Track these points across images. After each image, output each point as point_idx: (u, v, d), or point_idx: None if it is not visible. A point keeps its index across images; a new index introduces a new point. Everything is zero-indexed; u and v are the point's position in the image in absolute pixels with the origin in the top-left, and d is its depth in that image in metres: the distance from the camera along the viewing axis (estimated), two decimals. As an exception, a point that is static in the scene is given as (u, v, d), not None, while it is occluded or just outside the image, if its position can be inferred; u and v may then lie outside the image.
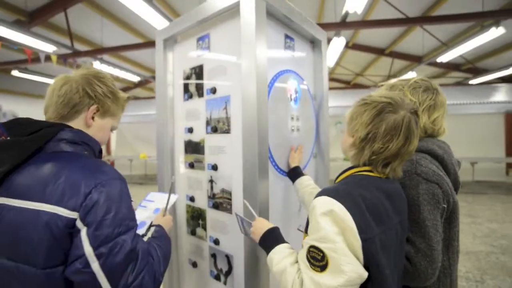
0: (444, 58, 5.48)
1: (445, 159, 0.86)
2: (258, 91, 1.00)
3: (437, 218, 0.79)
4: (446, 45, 6.06)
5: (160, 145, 1.46)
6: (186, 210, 1.40)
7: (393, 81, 0.96)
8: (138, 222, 0.72)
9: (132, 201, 0.69)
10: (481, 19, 4.74)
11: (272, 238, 0.84)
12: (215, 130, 1.20)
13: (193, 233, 1.36)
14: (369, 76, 9.78)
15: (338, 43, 4.43)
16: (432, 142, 0.89)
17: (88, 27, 5.57)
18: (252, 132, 1.01)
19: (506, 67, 6.23)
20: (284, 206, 1.27)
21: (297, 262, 0.72)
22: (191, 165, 1.34)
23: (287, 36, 1.28)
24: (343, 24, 3.97)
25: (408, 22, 4.64)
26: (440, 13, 5.17)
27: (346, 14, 3.57)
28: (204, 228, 1.30)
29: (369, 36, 7.21)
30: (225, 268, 1.19)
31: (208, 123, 1.25)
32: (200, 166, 1.30)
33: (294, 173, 1.21)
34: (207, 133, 1.25)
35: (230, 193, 1.16)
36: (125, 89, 10.63)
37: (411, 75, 6.35)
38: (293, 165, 1.22)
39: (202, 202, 1.30)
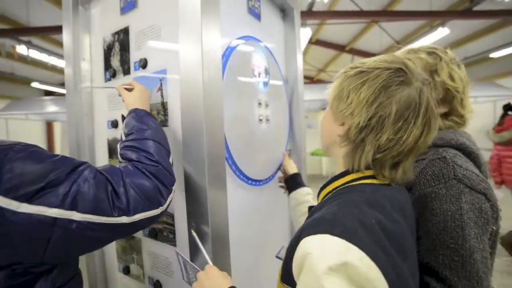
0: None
1: (480, 158, 0.60)
2: (205, 57, 0.64)
3: (486, 248, 0.51)
4: (399, 44, 6.34)
5: (73, 148, 1.01)
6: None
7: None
8: None
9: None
10: (431, 18, 4.96)
11: None
12: (148, 122, 0.81)
13: (126, 271, 0.95)
14: (331, 72, 9.98)
15: (304, 34, 4.23)
16: (460, 134, 0.61)
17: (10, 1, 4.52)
18: (195, 122, 0.64)
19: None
20: (254, 231, 0.93)
21: None
22: (118, 175, 0.93)
23: (250, -8, 0.93)
24: (310, 13, 3.77)
25: (368, 15, 4.65)
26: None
27: (313, 1, 3.35)
28: (140, 265, 0.90)
29: (331, 32, 7.28)
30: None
31: (138, 112, 0.85)
32: (130, 176, 0.90)
33: (292, 182, 0.96)
34: (137, 127, 0.85)
35: (172, 217, 0.78)
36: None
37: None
38: (291, 171, 0.99)
39: (134, 227, 0.90)
